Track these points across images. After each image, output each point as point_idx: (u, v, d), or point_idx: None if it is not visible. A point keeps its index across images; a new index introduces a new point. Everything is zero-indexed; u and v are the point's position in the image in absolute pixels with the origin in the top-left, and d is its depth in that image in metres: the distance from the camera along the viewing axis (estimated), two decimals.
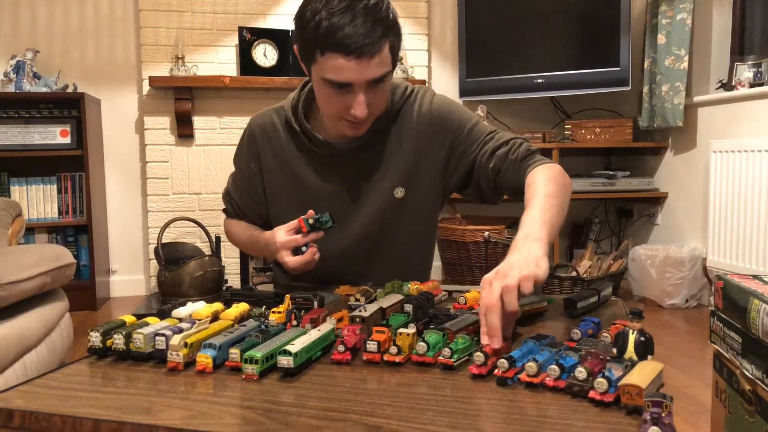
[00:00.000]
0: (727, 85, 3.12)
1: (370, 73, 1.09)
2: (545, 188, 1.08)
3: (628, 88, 3.44)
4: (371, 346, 0.78)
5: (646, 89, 3.46)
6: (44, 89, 3.28)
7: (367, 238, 1.33)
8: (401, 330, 0.79)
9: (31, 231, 3.33)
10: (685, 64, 3.22)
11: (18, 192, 3.33)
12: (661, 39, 3.32)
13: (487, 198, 1.32)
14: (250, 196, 1.41)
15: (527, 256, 0.87)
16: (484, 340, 0.78)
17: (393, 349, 0.77)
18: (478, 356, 0.73)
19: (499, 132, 1.29)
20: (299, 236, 1.19)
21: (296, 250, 1.20)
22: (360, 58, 1.07)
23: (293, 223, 1.20)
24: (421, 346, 0.77)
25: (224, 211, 1.49)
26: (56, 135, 3.32)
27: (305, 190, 1.33)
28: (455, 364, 0.75)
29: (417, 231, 1.37)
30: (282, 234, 1.21)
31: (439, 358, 0.75)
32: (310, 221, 1.18)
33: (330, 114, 1.21)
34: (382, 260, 1.35)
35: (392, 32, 1.11)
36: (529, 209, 1.03)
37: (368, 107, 1.14)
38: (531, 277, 0.81)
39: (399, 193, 1.30)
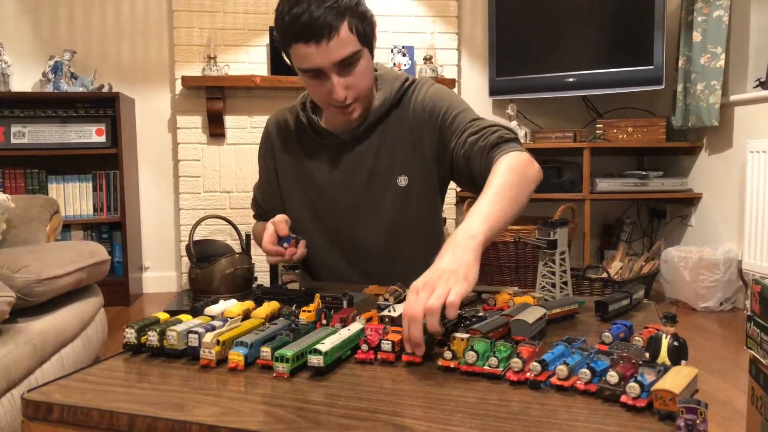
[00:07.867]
0: (765, 84, 3.05)
1: (333, 54, 1.14)
2: (501, 178, 1.06)
3: (662, 87, 3.38)
4: (386, 345, 0.79)
5: (680, 88, 3.39)
6: (81, 89, 3.36)
7: (380, 226, 1.35)
8: (455, 334, 0.78)
9: (67, 228, 3.40)
10: (722, 63, 3.15)
11: (55, 189, 3.41)
12: (697, 37, 3.25)
13: (466, 188, 1.29)
14: (269, 194, 1.46)
15: (459, 262, 0.86)
16: (408, 348, 0.79)
17: (447, 354, 0.76)
18: (516, 362, 0.72)
19: (481, 120, 1.25)
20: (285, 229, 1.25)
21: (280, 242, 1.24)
22: (318, 42, 1.12)
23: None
24: (470, 356, 0.74)
25: (254, 217, 1.56)
26: (92, 134, 3.39)
27: (314, 182, 1.37)
28: (503, 373, 0.73)
29: (424, 219, 1.38)
30: (278, 218, 1.26)
31: (485, 367, 0.74)
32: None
33: (320, 103, 1.26)
34: (398, 248, 1.37)
35: (350, 12, 1.15)
36: (479, 200, 1.01)
37: (347, 89, 1.19)
38: (457, 297, 0.80)
39: (402, 181, 1.33)
